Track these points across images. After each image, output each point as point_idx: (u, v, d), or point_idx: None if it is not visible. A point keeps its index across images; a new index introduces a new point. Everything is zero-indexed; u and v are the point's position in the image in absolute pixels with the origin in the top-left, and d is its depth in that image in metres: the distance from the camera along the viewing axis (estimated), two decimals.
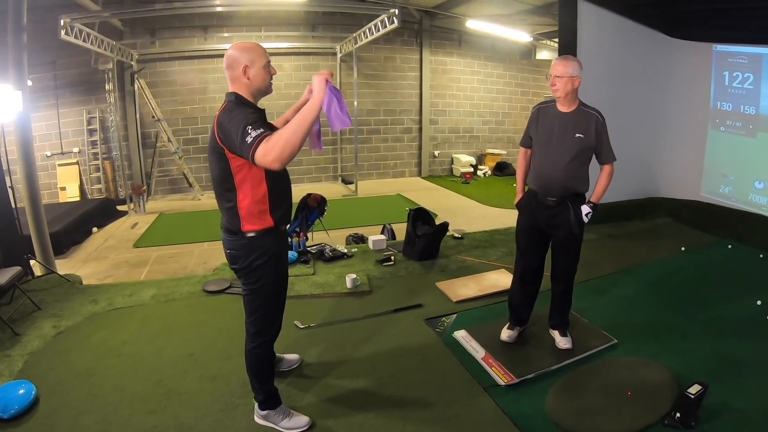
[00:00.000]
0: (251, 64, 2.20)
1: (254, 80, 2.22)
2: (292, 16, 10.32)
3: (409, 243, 5.07)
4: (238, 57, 2.19)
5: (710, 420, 2.50)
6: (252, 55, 2.20)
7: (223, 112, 2.15)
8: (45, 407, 2.72)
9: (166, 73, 9.96)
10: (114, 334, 3.56)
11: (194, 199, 9.97)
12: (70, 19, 6.95)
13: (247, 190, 2.22)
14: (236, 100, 2.20)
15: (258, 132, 1.99)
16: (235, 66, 2.20)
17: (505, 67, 12.76)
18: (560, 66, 2.88)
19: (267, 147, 1.95)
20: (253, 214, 2.25)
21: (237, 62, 2.19)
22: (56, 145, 9.48)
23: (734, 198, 5.72)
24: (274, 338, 2.54)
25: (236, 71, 2.20)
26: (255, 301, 2.40)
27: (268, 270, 2.34)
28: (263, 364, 2.51)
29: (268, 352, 2.53)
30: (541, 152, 3.06)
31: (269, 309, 2.45)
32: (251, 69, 2.20)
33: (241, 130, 2.01)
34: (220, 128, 2.11)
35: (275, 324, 2.52)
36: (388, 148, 12.03)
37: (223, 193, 2.27)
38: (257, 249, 2.30)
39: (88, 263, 6.24)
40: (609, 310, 3.88)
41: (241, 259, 2.32)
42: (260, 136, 1.97)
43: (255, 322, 2.44)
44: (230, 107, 2.17)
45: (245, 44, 2.24)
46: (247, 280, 2.37)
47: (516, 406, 2.70)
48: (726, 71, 5.63)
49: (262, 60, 2.22)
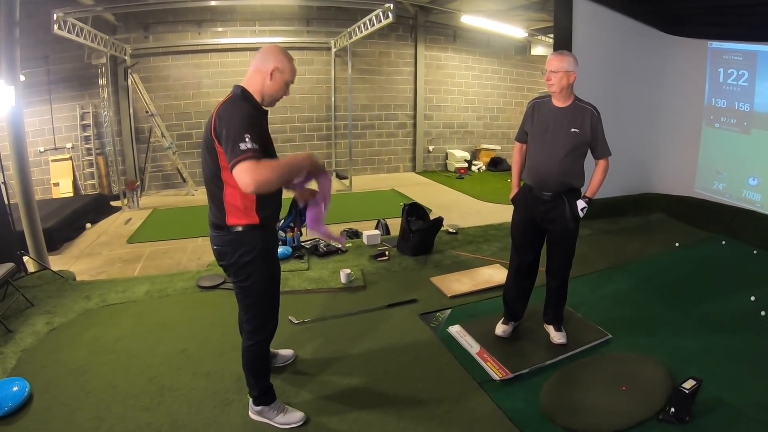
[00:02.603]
0: (282, 71, 2.23)
1: (273, 85, 2.23)
2: (287, 11, 10.28)
3: (403, 238, 5.07)
4: (277, 56, 2.22)
5: (704, 415, 2.51)
6: (287, 65, 2.24)
7: (226, 105, 2.14)
8: (38, 404, 2.70)
9: (160, 68, 9.90)
10: (107, 331, 3.54)
11: (188, 195, 9.93)
12: (63, 13, 6.89)
13: (236, 185, 2.12)
14: (242, 94, 2.20)
15: (253, 146, 1.99)
16: (269, 62, 2.21)
17: (500, 63, 12.77)
18: (555, 61, 2.88)
19: (252, 167, 1.97)
20: (238, 209, 2.22)
21: (273, 60, 2.22)
22: (49, 141, 9.42)
23: (728, 194, 5.74)
24: (270, 336, 2.53)
25: (266, 66, 2.21)
26: (247, 299, 2.38)
27: (257, 266, 2.31)
28: (260, 361, 2.50)
29: (265, 349, 2.51)
30: (537, 147, 3.06)
31: (263, 306, 2.42)
32: (278, 75, 2.23)
33: (238, 132, 2.01)
34: (219, 120, 2.09)
35: (271, 321, 2.50)
36: (382, 143, 12.03)
37: (212, 187, 2.25)
38: (244, 244, 2.26)
39: (81, 259, 6.21)
40: (603, 305, 3.89)
41: (228, 255, 2.29)
42: (253, 152, 1.98)
43: (251, 320, 2.41)
44: (233, 101, 2.16)
45: (284, 52, 2.27)
46: (237, 278, 2.34)
47: (510, 401, 2.70)
48: (721, 68, 5.64)
49: (290, 76, 2.27)
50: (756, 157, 5.42)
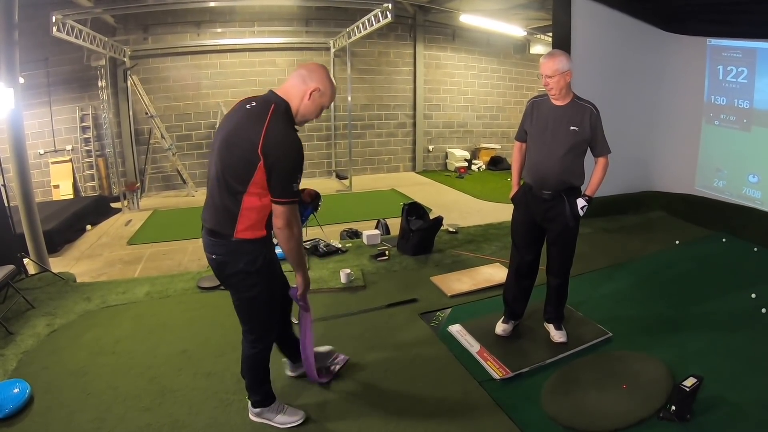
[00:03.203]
0: (322, 93, 2.15)
1: (310, 105, 2.14)
2: (285, 11, 10.27)
3: (403, 238, 5.07)
4: (321, 77, 2.14)
5: (705, 413, 2.51)
6: (328, 89, 2.16)
7: (277, 123, 2.04)
8: (39, 406, 2.70)
9: (159, 69, 9.90)
10: (108, 332, 3.54)
11: (188, 196, 9.93)
12: (62, 15, 6.91)
13: (261, 203, 2.09)
14: (285, 112, 2.11)
15: (297, 190, 2.11)
16: (311, 81, 2.12)
17: (499, 62, 12.76)
18: (549, 64, 2.86)
19: (292, 214, 2.09)
20: (251, 223, 2.12)
21: (317, 80, 2.13)
22: (49, 143, 9.43)
23: (728, 192, 5.74)
24: (272, 342, 2.50)
25: (306, 85, 2.12)
26: (251, 309, 2.30)
27: (261, 277, 2.22)
28: (262, 368, 2.47)
29: (267, 356, 2.44)
30: (536, 146, 3.05)
31: (266, 316, 2.35)
32: (317, 96, 2.14)
33: (294, 171, 2.05)
34: (271, 143, 1.99)
35: (274, 328, 2.46)
36: (382, 143, 12.03)
37: (226, 195, 2.09)
38: (247, 254, 2.16)
39: (81, 261, 6.21)
40: (604, 303, 3.88)
41: (230, 266, 2.18)
42: (298, 196, 2.12)
43: (253, 330, 2.35)
44: (284, 121, 2.08)
45: (329, 75, 2.19)
46: (239, 290, 2.25)
47: (511, 400, 2.70)
48: (720, 65, 5.63)
49: (328, 101, 2.19)
50: (756, 155, 5.41)
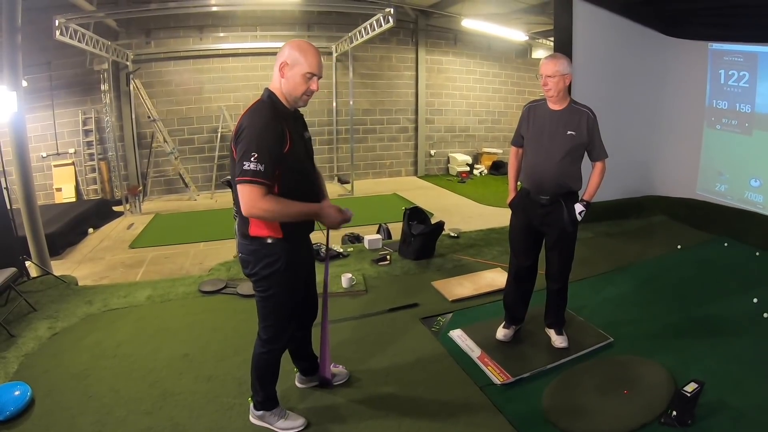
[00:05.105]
0: (292, 64, 2.09)
1: (287, 82, 2.11)
2: (288, 16, 10.30)
3: (404, 242, 5.07)
4: (284, 51, 2.11)
5: (707, 418, 2.50)
6: (297, 57, 2.09)
7: (249, 112, 2.07)
8: (40, 409, 2.70)
9: (162, 73, 9.92)
10: (109, 335, 3.54)
11: (190, 200, 9.94)
12: (65, 19, 6.92)
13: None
14: (268, 98, 2.13)
15: (258, 168, 1.95)
16: (278, 58, 2.12)
17: (500, 66, 12.78)
18: (550, 65, 2.86)
19: (249, 193, 1.96)
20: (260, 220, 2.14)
21: (282, 55, 2.11)
22: (52, 146, 9.44)
23: (730, 196, 5.73)
24: (285, 346, 2.50)
25: (277, 63, 2.12)
26: (266, 308, 2.33)
27: (277, 279, 2.23)
28: (270, 369, 2.46)
29: (277, 358, 2.45)
30: (533, 150, 3.05)
31: (281, 318, 2.36)
32: (288, 70, 2.10)
33: (247, 149, 1.96)
34: (239, 128, 2.03)
35: (288, 332, 2.44)
36: (384, 147, 12.03)
37: (236, 194, 2.13)
38: (267, 256, 2.19)
39: (83, 264, 6.22)
40: (605, 308, 3.88)
41: (251, 265, 2.23)
42: (253, 175, 1.95)
43: (267, 329, 2.36)
44: (258, 107, 2.09)
45: (300, 43, 2.13)
46: (257, 287, 2.30)
47: (512, 405, 2.69)
48: (722, 69, 5.64)
49: (304, 68, 2.09)
50: (757, 159, 5.42)
